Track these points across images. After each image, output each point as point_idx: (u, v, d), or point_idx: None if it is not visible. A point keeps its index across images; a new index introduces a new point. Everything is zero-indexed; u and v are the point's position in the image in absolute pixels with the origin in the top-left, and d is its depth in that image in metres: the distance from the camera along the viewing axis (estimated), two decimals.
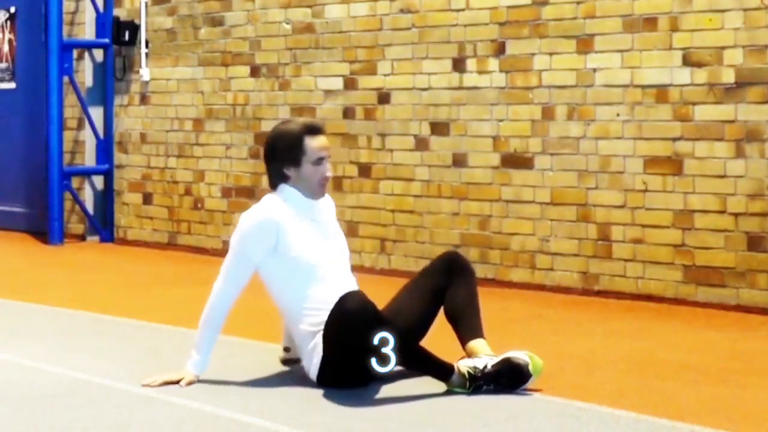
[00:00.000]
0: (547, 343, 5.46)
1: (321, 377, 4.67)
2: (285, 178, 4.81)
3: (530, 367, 4.53)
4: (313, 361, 4.69)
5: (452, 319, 4.84)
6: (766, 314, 6.26)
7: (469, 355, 4.69)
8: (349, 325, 4.44)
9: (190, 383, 4.68)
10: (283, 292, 4.75)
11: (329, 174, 4.84)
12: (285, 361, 5.06)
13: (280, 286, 4.75)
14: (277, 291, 4.77)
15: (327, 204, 4.97)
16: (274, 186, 4.86)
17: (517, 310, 6.48)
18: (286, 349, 5.04)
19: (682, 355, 5.34)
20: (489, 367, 4.53)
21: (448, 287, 4.87)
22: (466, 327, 4.77)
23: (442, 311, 4.90)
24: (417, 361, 4.62)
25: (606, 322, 6.21)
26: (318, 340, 4.65)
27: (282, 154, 4.79)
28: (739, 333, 5.89)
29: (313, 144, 4.77)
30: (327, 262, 4.75)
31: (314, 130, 4.82)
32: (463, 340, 4.76)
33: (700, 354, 5.36)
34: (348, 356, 4.55)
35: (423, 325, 4.89)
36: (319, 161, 4.78)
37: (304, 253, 4.71)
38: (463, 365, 4.56)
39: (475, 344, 4.72)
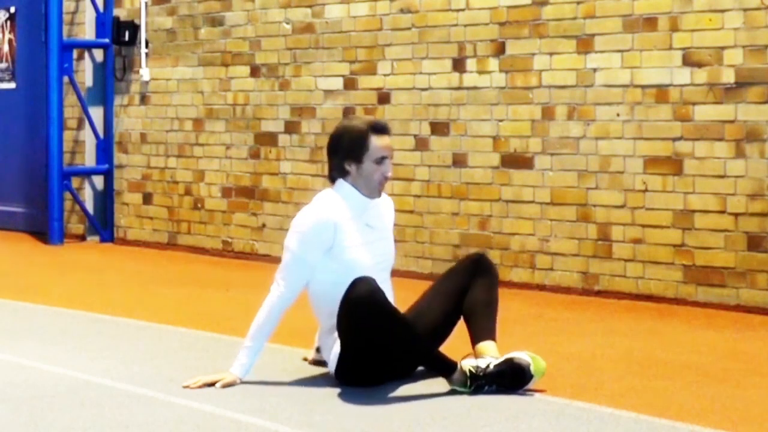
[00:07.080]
0: (547, 343, 5.46)
1: (338, 371, 4.68)
2: (345, 174, 4.80)
3: (532, 368, 4.53)
4: (332, 354, 4.71)
5: (467, 318, 4.84)
6: (766, 314, 6.26)
7: (477, 355, 4.69)
8: (356, 310, 4.47)
9: (227, 384, 4.64)
10: (323, 290, 4.72)
11: (389, 174, 4.82)
12: (315, 362, 5.05)
13: (323, 284, 4.72)
14: (316, 287, 4.74)
15: (387, 206, 4.96)
16: (332, 179, 4.85)
17: (517, 310, 6.48)
18: (318, 350, 5.02)
19: (682, 355, 5.34)
20: (491, 367, 4.53)
21: (469, 288, 4.86)
22: (479, 328, 4.77)
23: None
24: (421, 354, 4.62)
25: (606, 322, 6.21)
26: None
27: (345, 149, 4.78)
28: (739, 333, 5.89)
29: (378, 143, 4.77)
30: (373, 269, 4.72)
31: (380, 129, 4.81)
32: (474, 340, 4.76)
33: (700, 354, 5.36)
34: (359, 345, 4.56)
35: (445, 326, 4.88)
36: (381, 160, 4.77)
37: (356, 259, 4.69)
38: (466, 364, 4.57)
39: (483, 345, 4.72)
